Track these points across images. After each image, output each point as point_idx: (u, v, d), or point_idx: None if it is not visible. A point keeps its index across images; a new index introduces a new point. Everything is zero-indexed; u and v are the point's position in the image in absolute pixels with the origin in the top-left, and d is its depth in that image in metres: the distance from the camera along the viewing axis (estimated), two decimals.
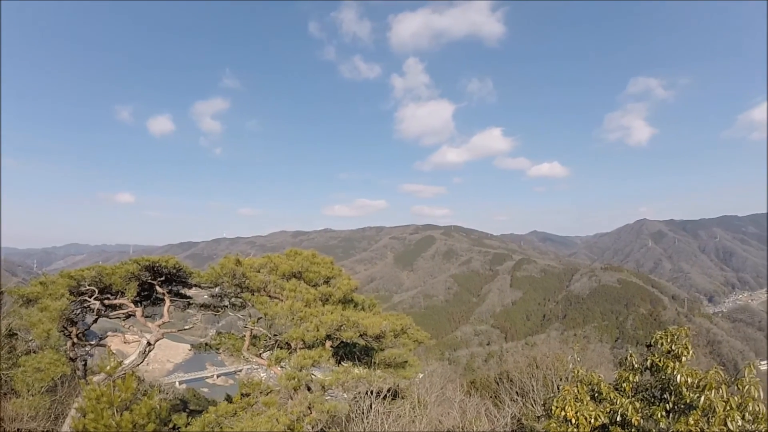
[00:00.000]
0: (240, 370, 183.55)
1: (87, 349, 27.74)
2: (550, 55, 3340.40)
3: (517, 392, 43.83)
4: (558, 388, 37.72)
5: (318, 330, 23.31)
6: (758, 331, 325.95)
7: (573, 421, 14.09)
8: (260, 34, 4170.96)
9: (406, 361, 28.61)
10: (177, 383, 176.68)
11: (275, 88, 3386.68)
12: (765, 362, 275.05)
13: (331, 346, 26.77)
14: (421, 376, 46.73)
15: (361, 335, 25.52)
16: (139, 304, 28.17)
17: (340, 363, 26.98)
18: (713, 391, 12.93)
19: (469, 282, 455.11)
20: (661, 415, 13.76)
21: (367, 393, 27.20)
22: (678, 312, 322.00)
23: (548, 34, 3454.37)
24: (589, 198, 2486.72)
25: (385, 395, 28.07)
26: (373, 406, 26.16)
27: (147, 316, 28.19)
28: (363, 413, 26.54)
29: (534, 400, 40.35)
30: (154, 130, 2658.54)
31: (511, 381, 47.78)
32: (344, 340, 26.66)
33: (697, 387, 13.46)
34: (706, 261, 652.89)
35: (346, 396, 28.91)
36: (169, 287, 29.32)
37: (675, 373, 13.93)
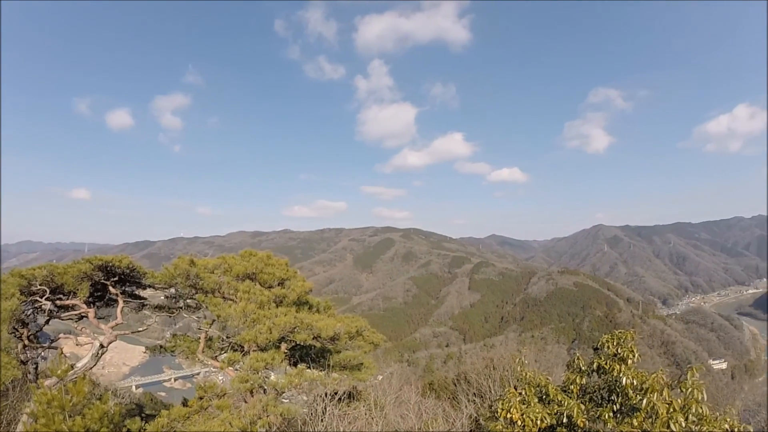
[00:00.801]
0: (198, 373, 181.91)
1: (39, 351, 27.10)
2: (514, 63, 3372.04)
3: (474, 393, 44.11)
4: (516, 389, 38.12)
5: (271, 332, 23.07)
6: (710, 332, 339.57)
7: (519, 422, 14.16)
8: (225, 30, 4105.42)
9: (362, 363, 28.56)
10: (133, 387, 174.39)
11: (238, 86, 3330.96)
12: (717, 362, 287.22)
13: (287, 349, 26.63)
14: (380, 377, 46.74)
15: (315, 337, 25.20)
16: (92, 305, 27.37)
17: (296, 365, 26.80)
18: (656, 393, 13.15)
19: (428, 284, 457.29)
20: (609, 416, 13.95)
21: (322, 395, 27.06)
22: (633, 314, 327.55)
23: (513, 43, 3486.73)
24: (547, 203, 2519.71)
25: (341, 397, 27.95)
26: (328, 409, 26.02)
27: (100, 318, 27.36)
28: (318, 416, 26.39)
29: (491, 401, 40.66)
30: (112, 124, 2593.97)
31: (468, 382, 48.08)
32: (300, 343, 26.40)
33: (640, 389, 13.72)
34: (660, 265, 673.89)
35: (305, 398, 28.76)
36: (123, 288, 28.61)
37: (621, 375, 14.18)
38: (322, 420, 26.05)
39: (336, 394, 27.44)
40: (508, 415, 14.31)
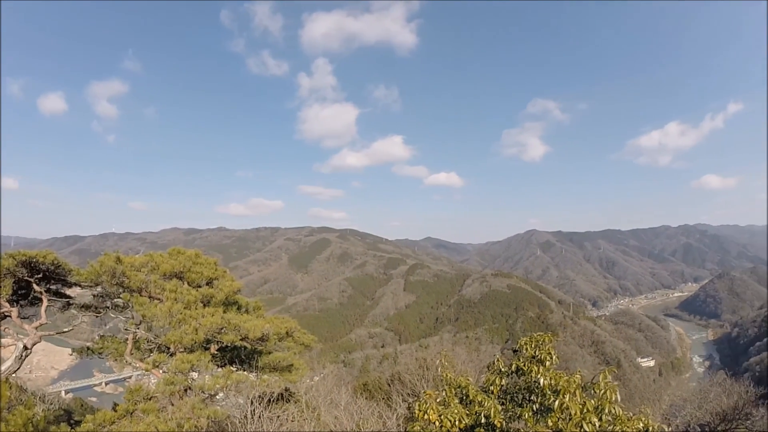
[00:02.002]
0: (129, 377, 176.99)
1: None
2: (458, 70, 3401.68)
3: (408, 393, 44.15)
4: (440, 390, 38.39)
5: (197, 333, 22.53)
6: (638, 332, 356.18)
7: (437, 423, 14.16)
8: (169, 16, 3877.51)
9: (292, 365, 28.09)
10: (63, 392, 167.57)
11: (178, 76, 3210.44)
12: (645, 360, 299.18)
13: (216, 350, 26.09)
14: (316, 379, 46.41)
15: (243, 338, 24.73)
16: (16, 304, 26.05)
17: (226, 367, 26.28)
18: (568, 395, 13.43)
19: (363, 285, 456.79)
20: (529, 416, 14.14)
21: (253, 398, 26.56)
22: (564, 315, 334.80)
23: (458, 50, 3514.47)
24: (482, 208, 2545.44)
25: (271, 399, 27.51)
26: (256, 411, 25.54)
27: (24, 318, 26.19)
28: (248, 418, 25.89)
29: (410, 403, 40.88)
30: (44, 108, 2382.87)
31: (402, 382, 48.15)
32: (229, 344, 25.83)
33: (554, 391, 13.96)
34: (591, 269, 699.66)
35: (240, 401, 28.16)
36: (48, 285, 27.23)
37: (539, 376, 14.37)
38: (251, 422, 25.58)
39: (268, 396, 27.01)
40: (425, 416, 14.28)
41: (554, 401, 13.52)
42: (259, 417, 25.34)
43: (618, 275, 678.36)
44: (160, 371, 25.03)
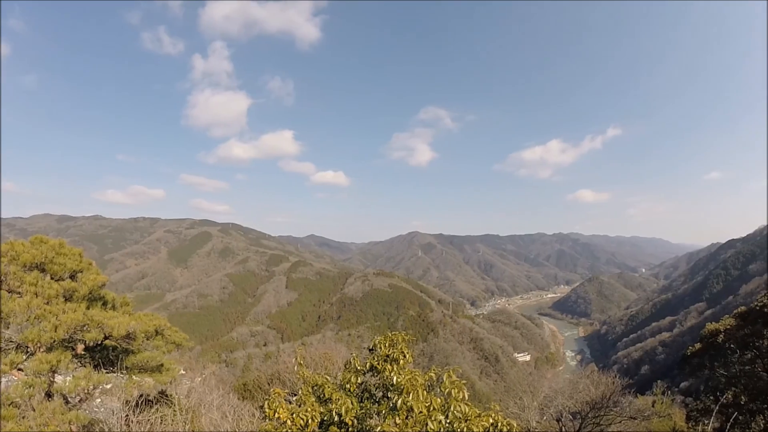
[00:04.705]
0: None
1: None
2: (357, 70, 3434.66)
3: (288, 393, 43.01)
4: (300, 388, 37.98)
5: (56, 330, 20.51)
6: (515, 330, 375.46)
7: (288, 422, 13.84)
8: None
9: (162, 365, 26.37)
10: None
11: (65, 42, 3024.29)
12: (522, 355, 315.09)
13: (85, 350, 24.06)
14: (198, 380, 44.56)
15: (106, 337, 22.87)
16: None
17: (96, 368, 24.23)
18: (411, 393, 13.51)
19: (245, 282, 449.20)
20: (385, 414, 14.05)
21: (124, 400, 24.79)
22: (444, 314, 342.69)
23: (360, 51, 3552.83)
24: (367, 208, 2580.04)
25: (142, 402, 25.83)
26: (126, 415, 23.83)
27: None
28: (116, 422, 24.09)
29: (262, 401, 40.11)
30: None
31: (282, 382, 47.22)
32: (95, 343, 23.81)
33: (398, 390, 14.11)
34: (470, 271, 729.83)
35: (115, 405, 26.17)
36: None
37: (392, 375, 14.53)
38: (119, 426, 23.82)
39: (143, 398, 25.43)
40: (276, 415, 13.97)
41: (398, 399, 13.56)
42: (127, 421, 23.67)
43: (495, 277, 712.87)
44: (23, 373, 22.77)
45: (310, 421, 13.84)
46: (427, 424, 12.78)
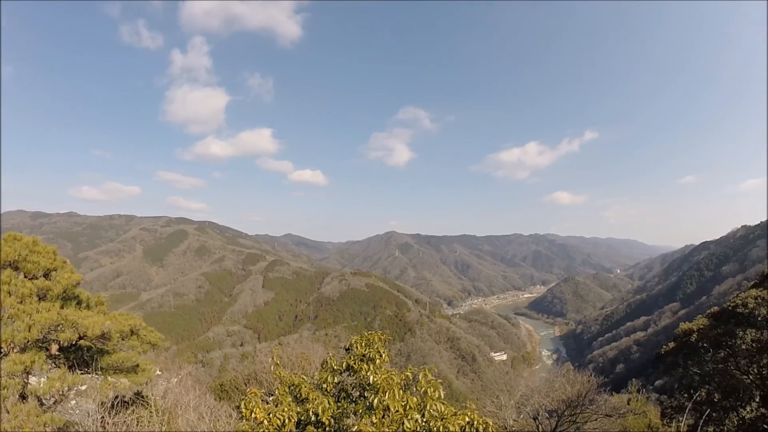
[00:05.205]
0: None
1: None
2: (337, 69, 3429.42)
3: (265, 393, 42.83)
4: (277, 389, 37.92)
5: (30, 330, 20.17)
6: (491, 329, 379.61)
7: (265, 423, 13.69)
8: None
9: (137, 365, 26.03)
10: None
11: (42, 33, 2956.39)
12: (498, 354, 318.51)
13: (59, 350, 23.67)
14: (174, 381, 44.15)
15: (81, 337, 22.49)
16: None
17: (71, 369, 23.83)
18: (388, 392, 13.49)
19: (221, 281, 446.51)
20: (362, 413, 14.11)
21: (99, 402, 24.48)
22: (421, 314, 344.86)
23: (341, 50, 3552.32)
24: (344, 207, 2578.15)
25: (118, 403, 25.51)
26: (102, 416, 23.51)
27: None
28: (91, 424, 23.76)
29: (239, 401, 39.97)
30: None
31: (259, 382, 47.06)
32: (69, 343, 23.42)
33: (374, 389, 14.07)
34: (447, 271, 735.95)
35: (91, 407, 25.79)
36: None
37: (368, 374, 14.49)
38: (95, 428, 23.49)
39: (119, 399, 25.12)
40: (252, 416, 13.80)
41: (374, 399, 13.57)
42: (103, 422, 23.36)
43: (472, 277, 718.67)
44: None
45: (287, 420, 13.71)
46: (403, 423, 12.71)
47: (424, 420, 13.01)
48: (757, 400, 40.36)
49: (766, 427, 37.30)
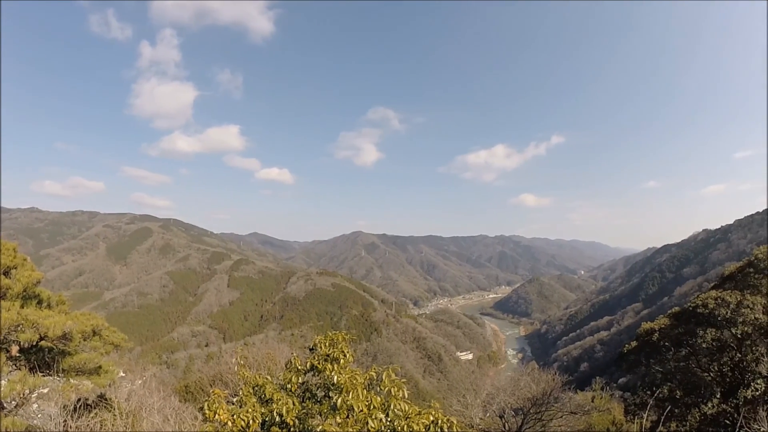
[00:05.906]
0: None
1: None
2: (308, 67, 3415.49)
3: (230, 394, 42.59)
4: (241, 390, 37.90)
5: None
6: (457, 329, 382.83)
7: (230, 424, 13.74)
8: None
9: (100, 367, 25.64)
10: None
11: (8, 18, 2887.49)
12: (464, 353, 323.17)
13: (20, 351, 23.23)
14: (138, 382, 43.66)
15: (42, 337, 22.07)
16: None
17: (32, 371, 23.36)
18: (351, 392, 13.57)
19: (185, 280, 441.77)
20: (327, 413, 14.10)
21: (61, 405, 24.07)
22: (387, 314, 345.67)
23: (312, 47, 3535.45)
24: (311, 206, 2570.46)
25: (80, 406, 25.12)
26: (63, 420, 23.12)
27: None
28: (54, 427, 23.34)
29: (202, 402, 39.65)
30: None
31: (224, 383, 46.76)
32: (29, 344, 22.97)
33: (338, 389, 14.20)
34: (413, 271, 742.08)
35: (53, 411, 25.31)
36: None
37: (333, 374, 14.61)
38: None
39: (81, 402, 24.73)
40: (216, 417, 13.85)
41: (338, 399, 13.58)
42: (66, 426, 22.97)
43: (438, 277, 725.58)
44: None
45: (251, 422, 13.74)
46: (367, 423, 12.86)
47: (389, 419, 13.09)
48: (718, 396, 41.52)
49: (727, 422, 38.16)
